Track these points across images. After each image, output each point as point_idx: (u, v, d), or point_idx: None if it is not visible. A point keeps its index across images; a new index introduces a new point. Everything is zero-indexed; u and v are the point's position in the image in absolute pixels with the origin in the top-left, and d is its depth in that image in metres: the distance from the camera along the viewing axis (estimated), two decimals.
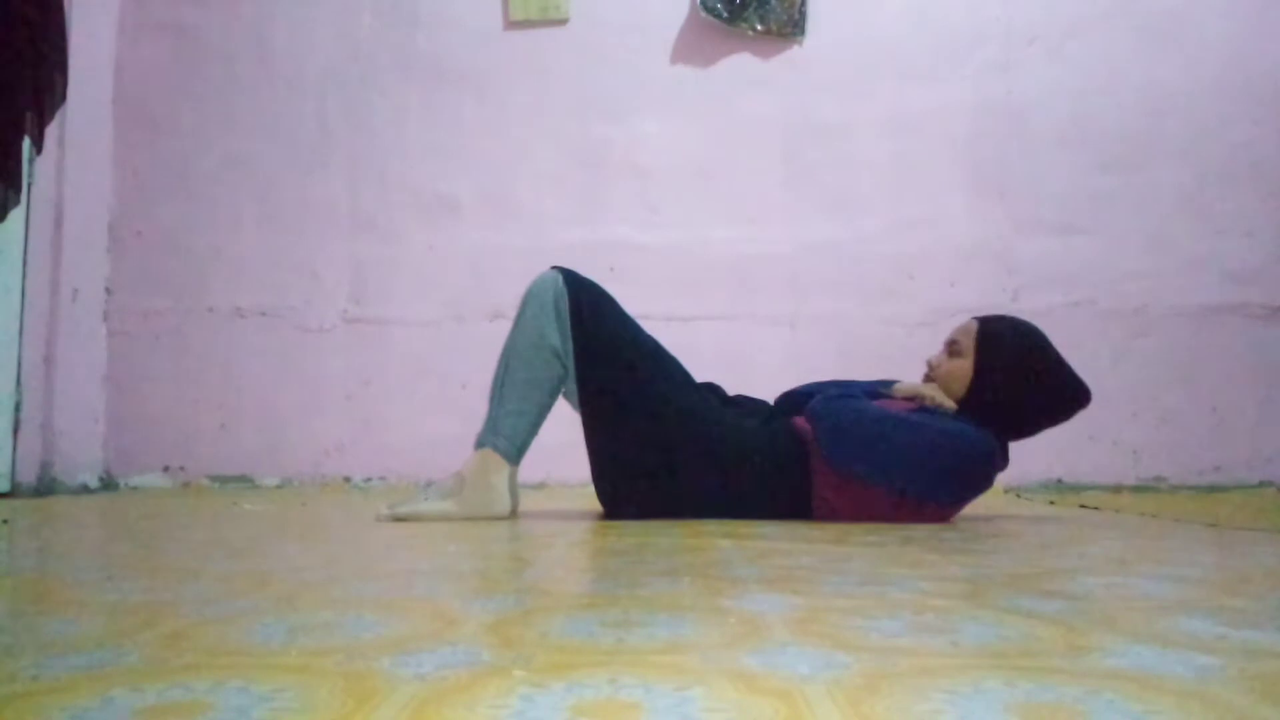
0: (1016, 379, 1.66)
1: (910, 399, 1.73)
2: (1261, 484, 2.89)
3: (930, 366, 1.76)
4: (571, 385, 1.76)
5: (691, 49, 3.13)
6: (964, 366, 1.69)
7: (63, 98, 1.61)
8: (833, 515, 1.68)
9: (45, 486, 2.76)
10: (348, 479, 3.04)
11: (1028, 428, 1.71)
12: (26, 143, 1.59)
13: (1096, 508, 2.20)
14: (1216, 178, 2.99)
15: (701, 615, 0.72)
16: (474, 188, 3.13)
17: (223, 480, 3.04)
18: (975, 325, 1.72)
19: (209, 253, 3.13)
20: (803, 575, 0.95)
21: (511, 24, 3.15)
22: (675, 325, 2.84)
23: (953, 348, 1.73)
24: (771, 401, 1.92)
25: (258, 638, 0.63)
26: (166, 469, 3.07)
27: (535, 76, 3.14)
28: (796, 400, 1.84)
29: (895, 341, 2.97)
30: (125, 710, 0.46)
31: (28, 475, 2.71)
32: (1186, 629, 0.67)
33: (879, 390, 1.79)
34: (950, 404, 1.70)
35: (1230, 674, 0.54)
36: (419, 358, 3.07)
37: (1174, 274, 2.98)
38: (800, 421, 1.75)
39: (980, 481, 1.67)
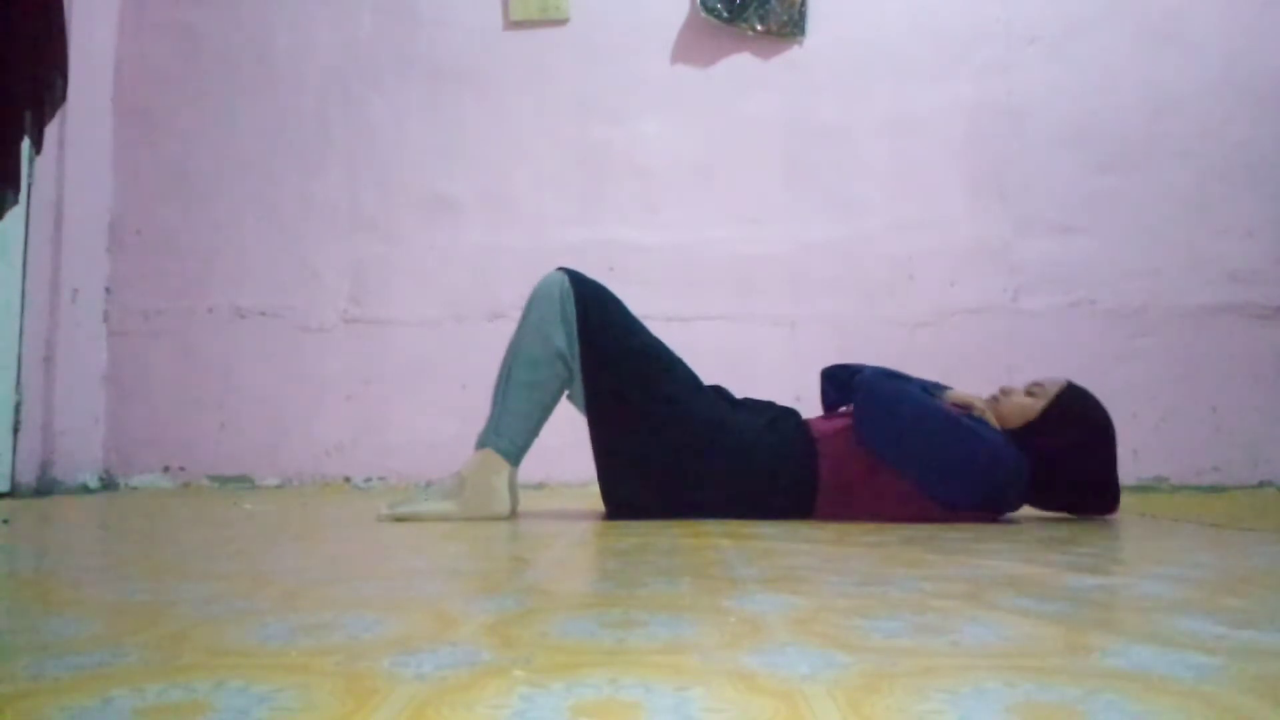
0: (1068, 445, 1.68)
1: (960, 406, 1.74)
2: (1261, 484, 2.89)
3: (1003, 390, 1.77)
4: (577, 387, 1.75)
5: (691, 49, 3.13)
6: (1033, 407, 1.70)
7: (63, 98, 1.61)
8: (835, 514, 1.69)
9: (45, 486, 2.76)
10: (348, 479, 3.04)
11: (1046, 493, 1.72)
12: (26, 143, 1.59)
13: None
14: (1216, 178, 2.99)
15: (701, 615, 0.72)
16: (474, 188, 3.12)
17: (223, 480, 3.04)
18: (1065, 382, 1.74)
19: (209, 253, 3.13)
20: (803, 575, 0.95)
21: (511, 24, 3.15)
22: (675, 325, 2.83)
23: (1034, 388, 1.74)
24: (786, 396, 1.92)
25: (258, 638, 0.63)
26: (166, 469, 3.06)
27: (535, 76, 3.14)
28: (845, 374, 1.85)
29: (895, 341, 2.97)
30: (125, 710, 0.46)
31: (28, 475, 2.71)
32: (1186, 629, 0.67)
33: (930, 389, 1.79)
34: (995, 425, 1.71)
35: (1230, 674, 0.54)
36: (419, 358, 3.07)
37: (1174, 274, 2.98)
38: (813, 421, 1.77)
39: (998, 496, 1.66)
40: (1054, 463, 1.67)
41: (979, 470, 1.62)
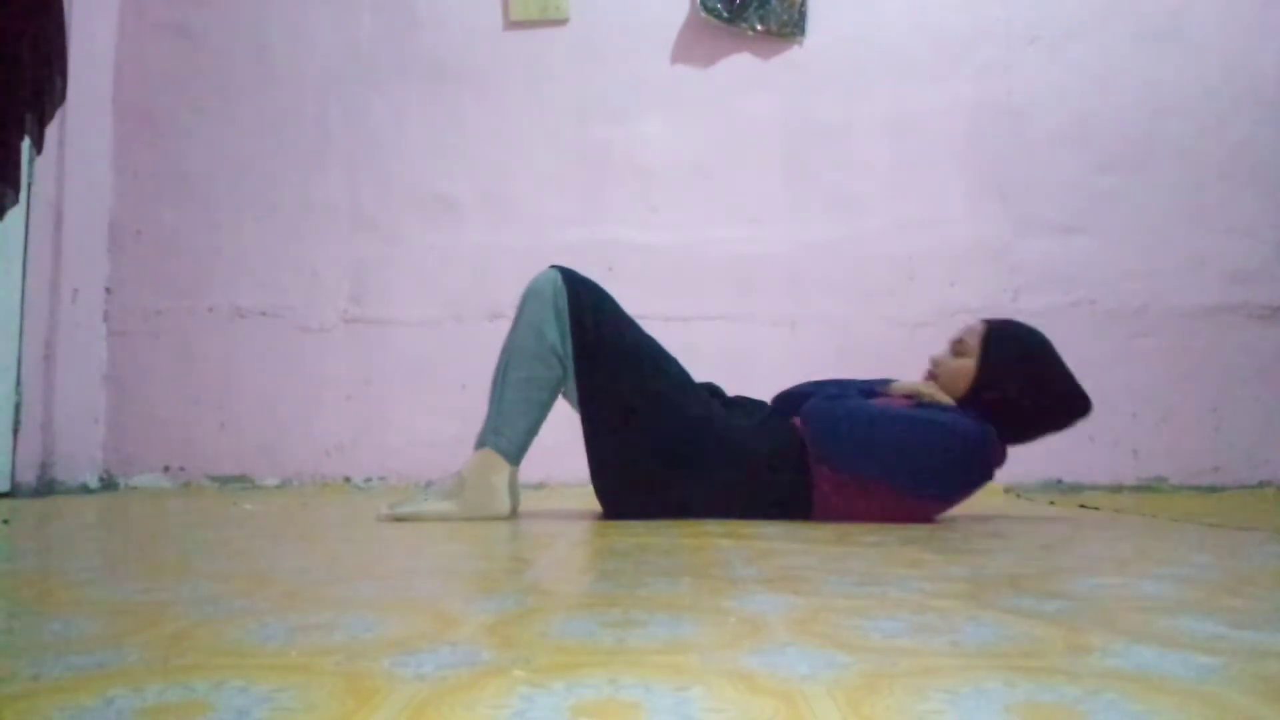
0: (1018, 382, 1.66)
1: (908, 396, 1.73)
2: (1261, 484, 2.89)
3: (933, 363, 1.76)
4: (570, 385, 1.75)
5: (691, 49, 3.13)
6: (967, 366, 1.69)
7: (62, 98, 1.61)
8: (833, 515, 1.68)
9: (45, 486, 2.76)
10: (348, 479, 3.04)
11: (1026, 432, 1.71)
12: (26, 143, 1.59)
13: (1096, 508, 2.20)
14: (1216, 178, 2.99)
15: (701, 615, 0.72)
16: (474, 188, 3.13)
17: (223, 480, 3.04)
18: (982, 326, 1.73)
19: (209, 253, 3.13)
20: (803, 575, 0.95)
21: (511, 24, 3.15)
22: (675, 325, 2.83)
23: (957, 346, 1.73)
24: (769, 401, 1.92)
25: (258, 638, 0.63)
26: (166, 469, 3.06)
27: (535, 76, 3.14)
28: (793, 400, 1.84)
29: (895, 341, 2.96)
30: (125, 710, 0.46)
31: (28, 475, 2.71)
32: (1186, 629, 0.67)
33: (875, 389, 1.78)
34: (948, 401, 1.70)
35: (1230, 674, 0.54)
36: (419, 358, 3.07)
37: (1174, 274, 2.98)
38: (799, 421, 1.75)
39: (977, 471, 1.66)
40: (1016, 404, 1.66)
41: (953, 458, 1.61)
